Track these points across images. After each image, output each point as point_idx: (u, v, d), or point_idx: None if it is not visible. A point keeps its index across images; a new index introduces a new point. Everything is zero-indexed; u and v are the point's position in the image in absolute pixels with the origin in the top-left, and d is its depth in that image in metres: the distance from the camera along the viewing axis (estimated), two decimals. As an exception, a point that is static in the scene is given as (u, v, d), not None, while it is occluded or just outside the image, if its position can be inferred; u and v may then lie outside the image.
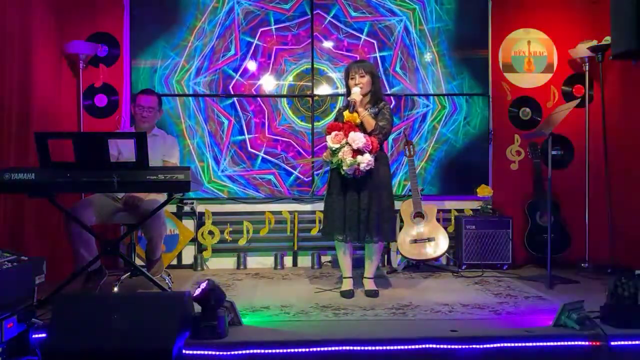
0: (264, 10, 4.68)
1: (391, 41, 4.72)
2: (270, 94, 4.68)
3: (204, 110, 4.63)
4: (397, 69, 4.74)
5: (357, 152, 3.36)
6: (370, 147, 3.37)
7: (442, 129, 4.75)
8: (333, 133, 3.42)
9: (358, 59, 4.41)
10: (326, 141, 3.47)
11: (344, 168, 3.38)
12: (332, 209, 3.55)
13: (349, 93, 3.62)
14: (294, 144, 4.69)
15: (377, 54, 4.71)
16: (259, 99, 4.67)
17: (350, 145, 3.36)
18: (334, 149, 3.40)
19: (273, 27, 4.68)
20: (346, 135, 3.39)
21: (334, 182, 3.57)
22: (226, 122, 4.64)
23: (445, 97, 4.75)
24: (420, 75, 4.74)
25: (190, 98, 4.62)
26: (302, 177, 4.69)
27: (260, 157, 4.67)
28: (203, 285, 2.68)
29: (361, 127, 3.48)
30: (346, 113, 3.49)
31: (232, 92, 4.65)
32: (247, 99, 4.66)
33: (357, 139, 3.35)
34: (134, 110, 3.83)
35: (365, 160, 3.35)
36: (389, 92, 4.70)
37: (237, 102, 4.65)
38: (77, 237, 3.37)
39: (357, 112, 3.48)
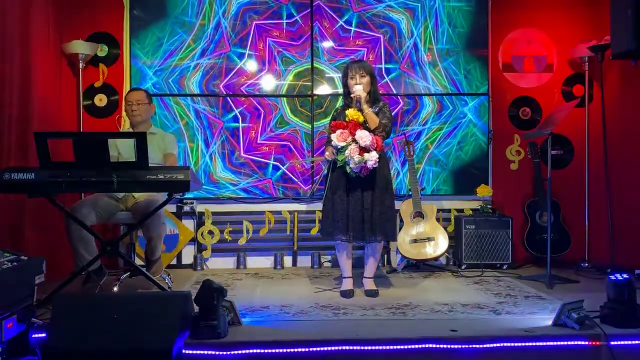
0: (278, 3, 4.67)
1: (399, 55, 4.70)
2: (269, 94, 4.67)
3: (208, 127, 4.62)
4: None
5: (364, 150, 3.35)
6: (376, 146, 3.37)
7: (435, 150, 4.73)
8: (338, 131, 3.40)
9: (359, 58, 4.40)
10: (330, 139, 3.46)
11: (351, 166, 3.37)
12: (334, 209, 3.52)
13: (347, 92, 3.62)
14: (291, 144, 4.68)
15: (383, 66, 4.69)
16: (259, 106, 4.65)
17: (357, 143, 3.35)
18: (340, 147, 3.39)
19: (284, 21, 4.67)
20: (352, 134, 3.38)
21: (335, 182, 3.54)
22: (217, 124, 4.66)
23: (444, 89, 4.73)
24: (415, 59, 4.72)
25: (192, 116, 4.60)
26: (296, 180, 4.67)
27: (271, 165, 4.66)
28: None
29: (364, 126, 3.47)
30: (350, 111, 3.46)
31: (230, 92, 4.64)
32: (249, 109, 4.63)
33: (365, 137, 3.35)
34: (126, 109, 3.89)
35: (373, 158, 3.35)
36: (386, 79, 4.68)
37: (240, 115, 4.63)
38: (77, 237, 3.37)
39: (362, 109, 3.47)
